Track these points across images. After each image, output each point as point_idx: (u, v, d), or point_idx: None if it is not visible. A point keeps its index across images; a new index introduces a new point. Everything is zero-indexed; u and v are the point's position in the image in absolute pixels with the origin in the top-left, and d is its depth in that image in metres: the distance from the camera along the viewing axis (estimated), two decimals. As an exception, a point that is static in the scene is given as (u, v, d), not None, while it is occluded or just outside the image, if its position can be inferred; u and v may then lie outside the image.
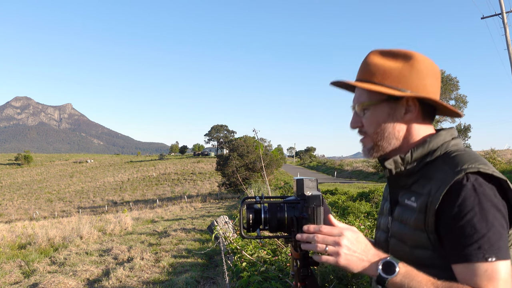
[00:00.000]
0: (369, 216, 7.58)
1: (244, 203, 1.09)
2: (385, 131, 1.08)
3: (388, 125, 1.08)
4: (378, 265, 0.92)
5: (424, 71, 1.06)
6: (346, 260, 0.93)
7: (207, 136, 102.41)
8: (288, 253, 3.75)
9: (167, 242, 10.11)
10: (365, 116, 1.10)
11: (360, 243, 0.96)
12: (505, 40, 18.46)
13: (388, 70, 1.06)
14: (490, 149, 27.09)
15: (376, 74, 1.07)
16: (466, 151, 1.03)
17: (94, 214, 29.76)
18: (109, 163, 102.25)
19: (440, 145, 1.05)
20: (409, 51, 1.08)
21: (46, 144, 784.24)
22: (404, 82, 1.05)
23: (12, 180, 79.59)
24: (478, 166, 0.94)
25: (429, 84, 1.06)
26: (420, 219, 0.99)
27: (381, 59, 1.09)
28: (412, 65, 1.06)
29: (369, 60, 1.10)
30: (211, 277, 6.31)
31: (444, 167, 1.00)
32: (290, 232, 1.06)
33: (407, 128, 1.09)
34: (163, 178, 63.77)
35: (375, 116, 1.09)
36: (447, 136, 1.08)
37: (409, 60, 1.06)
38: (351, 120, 1.15)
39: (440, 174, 0.99)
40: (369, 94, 1.09)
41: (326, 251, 0.95)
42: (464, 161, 0.97)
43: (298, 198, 1.06)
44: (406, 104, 1.07)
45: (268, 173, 34.60)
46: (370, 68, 1.09)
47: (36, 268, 7.78)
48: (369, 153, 1.12)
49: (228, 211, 18.04)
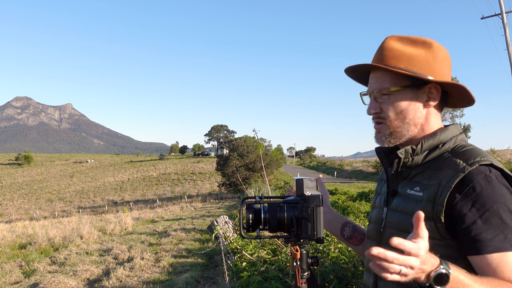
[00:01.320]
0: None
1: (244, 203, 1.09)
2: (406, 117, 1.08)
3: (410, 111, 1.08)
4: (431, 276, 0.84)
5: (444, 58, 1.08)
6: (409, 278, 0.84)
7: (207, 136, 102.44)
8: (288, 253, 3.75)
9: (167, 242, 10.11)
10: (386, 101, 1.09)
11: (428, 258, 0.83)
12: (505, 40, 18.46)
13: (414, 56, 1.06)
14: (490, 149, 27.11)
15: (401, 59, 1.06)
16: (474, 146, 1.05)
17: (94, 214, 29.77)
18: (109, 163, 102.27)
19: (449, 139, 1.07)
20: (427, 38, 1.09)
21: (47, 144, 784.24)
22: (428, 69, 1.06)
23: (13, 180, 79.60)
24: (491, 159, 0.96)
25: (447, 71, 1.09)
26: (428, 208, 0.98)
27: (402, 45, 1.09)
28: (434, 53, 1.07)
29: (389, 45, 1.09)
30: (211, 277, 6.32)
31: (455, 159, 1.01)
32: (290, 232, 1.06)
33: (426, 116, 1.10)
34: (163, 178, 63.77)
35: (398, 101, 1.08)
36: (456, 131, 1.09)
37: (430, 47, 1.07)
38: (369, 106, 1.14)
39: (451, 165, 1.00)
40: (393, 78, 1.08)
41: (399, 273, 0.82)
42: (476, 155, 0.99)
43: (298, 198, 1.06)
44: (428, 92, 1.08)
45: (268, 173, 34.60)
46: (393, 54, 1.08)
47: (37, 268, 7.78)
48: (386, 139, 1.11)
49: (228, 211, 18.04)
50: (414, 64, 1.06)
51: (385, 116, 1.10)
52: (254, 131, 5.33)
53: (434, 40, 1.10)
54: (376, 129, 1.14)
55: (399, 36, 1.11)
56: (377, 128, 1.13)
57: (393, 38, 1.11)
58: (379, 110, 1.11)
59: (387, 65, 1.08)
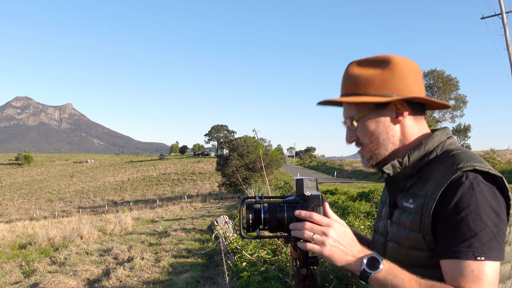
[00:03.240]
0: (369, 216, 7.57)
1: (244, 203, 1.09)
2: (379, 138, 1.09)
3: (381, 132, 1.09)
4: (363, 260, 0.93)
5: (404, 71, 1.07)
6: (331, 251, 0.94)
7: (207, 136, 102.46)
8: (288, 253, 3.76)
9: (167, 242, 10.11)
10: (358, 128, 1.11)
11: (347, 237, 0.96)
12: (505, 40, 18.47)
13: (370, 78, 1.07)
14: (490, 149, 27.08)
15: (359, 84, 1.07)
16: (462, 150, 1.03)
17: (94, 214, 29.78)
18: (109, 163, 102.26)
19: (436, 146, 1.07)
20: (385, 55, 1.09)
21: (47, 144, 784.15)
22: (387, 87, 1.05)
23: (13, 180, 79.59)
24: (474, 164, 0.95)
25: (412, 83, 1.07)
26: (416, 220, 0.99)
27: (360, 69, 1.09)
28: (391, 69, 1.06)
29: (349, 72, 1.11)
30: (211, 277, 6.32)
31: (440, 167, 1.00)
32: (290, 232, 1.06)
33: (401, 130, 1.10)
34: (163, 178, 63.78)
35: (368, 127, 1.09)
36: (443, 136, 1.09)
37: (388, 64, 1.07)
38: (346, 136, 1.16)
39: (437, 174, 1.00)
40: (357, 106, 1.10)
41: (312, 239, 0.95)
42: (460, 160, 0.97)
43: (298, 198, 1.06)
44: (395, 108, 1.08)
45: (268, 173, 34.60)
46: (352, 81, 1.09)
47: (37, 268, 7.78)
48: (369, 162, 1.14)
49: (228, 211, 18.04)
50: (371, 85, 1.06)
51: (362, 142, 1.12)
52: (254, 131, 5.34)
53: (394, 55, 1.09)
54: (359, 154, 1.17)
55: (359, 60, 1.12)
56: (359, 153, 1.16)
57: (353, 64, 1.12)
58: (355, 137, 1.13)
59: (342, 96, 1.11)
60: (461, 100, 33.58)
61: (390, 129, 1.09)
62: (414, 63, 1.11)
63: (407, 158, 1.06)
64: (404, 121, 1.09)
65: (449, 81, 33.18)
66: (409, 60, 1.10)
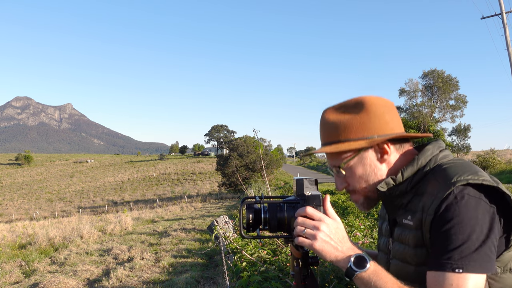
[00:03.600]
0: (369, 216, 7.58)
1: (244, 203, 1.09)
2: (368, 179, 1.09)
3: (369, 174, 1.09)
4: (351, 257, 0.94)
5: (379, 110, 1.07)
6: (321, 246, 0.95)
7: (207, 136, 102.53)
8: (288, 253, 3.76)
9: (167, 242, 10.12)
10: (346, 175, 1.11)
11: (338, 233, 0.97)
12: (505, 40, 18.49)
13: (348, 123, 1.07)
14: (490, 149, 27.09)
15: (338, 131, 1.08)
16: (455, 162, 1.03)
17: (94, 214, 29.80)
18: (109, 163, 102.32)
19: (429, 160, 1.06)
20: (358, 98, 1.10)
21: (47, 144, 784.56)
22: (367, 129, 1.06)
23: (13, 180, 79.63)
24: (467, 178, 0.94)
25: (389, 120, 1.08)
26: (419, 236, 1.00)
27: (337, 115, 1.09)
28: (367, 110, 1.07)
29: (326, 120, 1.11)
30: (211, 277, 6.32)
31: (434, 181, 1.00)
32: (290, 232, 1.06)
33: (387, 166, 1.10)
34: (163, 178, 63.82)
35: (355, 172, 1.10)
36: (435, 150, 1.08)
37: (363, 106, 1.07)
38: (336, 184, 1.16)
39: (431, 189, 0.99)
40: (340, 154, 1.09)
41: (304, 233, 0.97)
42: (454, 174, 0.97)
43: (298, 198, 1.07)
44: (378, 148, 1.08)
45: (268, 173, 34.62)
46: (330, 128, 1.09)
47: (37, 268, 7.78)
48: (365, 207, 1.14)
49: (228, 211, 18.05)
50: (350, 130, 1.07)
51: (353, 187, 1.12)
52: (254, 131, 5.33)
53: (367, 96, 1.10)
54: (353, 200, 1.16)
55: (333, 106, 1.12)
56: (352, 199, 1.15)
57: (328, 111, 1.12)
58: (346, 184, 1.13)
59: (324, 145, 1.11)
60: (461, 100, 33.58)
61: (378, 168, 1.09)
62: (387, 100, 1.12)
63: (401, 174, 1.06)
64: (390, 157, 1.10)
65: (449, 81, 33.17)
66: (381, 98, 1.11)
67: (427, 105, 32.96)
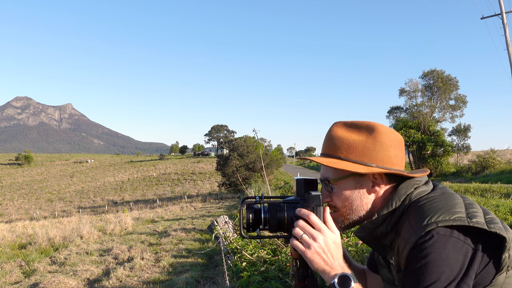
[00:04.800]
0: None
1: (244, 203, 1.09)
2: (352, 204, 1.09)
3: (355, 198, 1.09)
4: (336, 276, 0.95)
5: (387, 142, 1.07)
6: (312, 256, 0.97)
7: (207, 136, 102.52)
8: (288, 253, 3.76)
9: (167, 242, 10.12)
10: (333, 191, 1.11)
11: (333, 248, 0.98)
12: (505, 40, 18.48)
13: (353, 144, 1.06)
14: (490, 149, 27.11)
15: (341, 148, 1.07)
16: (429, 199, 1.01)
17: (95, 214, 29.79)
18: (109, 163, 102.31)
19: (403, 200, 1.05)
20: (371, 123, 1.09)
21: (47, 144, 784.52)
22: (368, 155, 1.05)
23: (13, 180, 79.63)
24: (438, 220, 0.93)
25: (393, 155, 1.07)
26: (400, 277, 1.01)
27: (345, 131, 1.09)
28: (375, 138, 1.06)
29: (333, 133, 1.11)
30: (211, 277, 6.32)
31: (407, 224, 1.00)
32: (290, 232, 1.06)
33: (375, 198, 1.09)
34: (163, 178, 63.81)
35: (343, 192, 1.09)
36: (409, 188, 1.06)
37: (372, 132, 1.07)
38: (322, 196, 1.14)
39: (404, 232, 0.99)
40: (334, 169, 1.09)
41: (300, 238, 0.98)
42: (426, 215, 0.95)
43: (298, 198, 1.07)
44: (372, 177, 1.08)
45: (268, 173, 34.62)
46: (334, 142, 1.09)
47: (37, 268, 7.78)
48: (341, 228, 1.13)
49: (228, 211, 18.05)
50: (352, 151, 1.06)
51: (335, 205, 1.12)
52: (254, 131, 5.33)
53: (380, 124, 1.09)
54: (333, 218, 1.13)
55: (345, 122, 1.12)
56: (332, 216, 1.12)
57: (338, 125, 1.12)
58: (329, 199, 1.13)
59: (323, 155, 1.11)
60: (461, 100, 33.57)
61: (365, 197, 1.09)
62: (398, 134, 1.11)
63: (377, 217, 1.06)
64: (380, 190, 1.09)
65: (449, 81, 33.17)
66: (393, 131, 1.11)
67: (427, 105, 32.96)
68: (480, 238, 0.93)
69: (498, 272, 0.94)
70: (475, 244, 0.92)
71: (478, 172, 26.85)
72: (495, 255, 0.94)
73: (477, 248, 0.92)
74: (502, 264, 0.94)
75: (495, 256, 0.94)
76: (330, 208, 1.13)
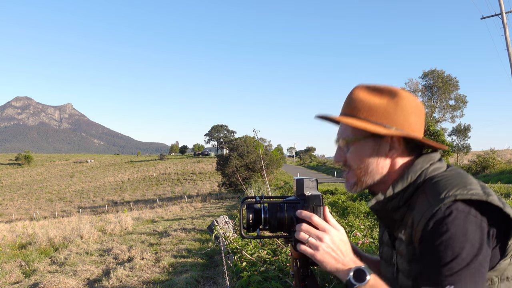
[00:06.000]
0: (369, 216, 7.58)
1: (244, 203, 1.09)
2: (368, 167, 1.08)
3: (372, 161, 1.08)
4: (351, 270, 0.94)
5: (409, 108, 1.06)
6: (322, 256, 0.96)
7: (207, 136, 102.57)
8: (288, 253, 3.76)
9: (167, 242, 10.12)
10: (349, 151, 1.10)
11: (341, 245, 0.98)
12: (505, 40, 18.48)
13: (374, 106, 1.06)
14: (490, 149, 27.09)
15: (362, 109, 1.07)
16: (444, 176, 1.01)
17: (95, 214, 29.79)
18: (109, 163, 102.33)
19: (419, 175, 1.05)
20: (394, 87, 1.09)
21: (47, 144, 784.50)
22: (389, 118, 1.05)
23: (13, 180, 79.64)
24: (456, 193, 0.93)
25: (413, 121, 1.07)
26: (411, 251, 1.00)
27: (367, 94, 1.09)
28: (397, 102, 1.06)
29: (354, 95, 1.10)
30: (211, 277, 6.32)
31: (423, 197, 0.99)
32: (290, 232, 1.06)
33: (391, 163, 1.09)
34: (163, 178, 63.81)
35: (359, 152, 1.09)
36: (424, 164, 1.06)
37: (394, 97, 1.06)
38: (335, 154, 1.15)
39: (420, 205, 0.99)
40: (353, 129, 1.09)
41: (307, 241, 0.97)
42: (443, 189, 0.96)
43: (298, 198, 1.06)
44: (390, 141, 1.07)
45: (268, 173, 34.62)
46: (355, 104, 1.09)
47: (37, 268, 7.78)
48: (352, 188, 1.13)
49: (228, 211, 18.05)
50: (373, 114, 1.06)
51: (350, 166, 1.11)
52: (254, 131, 5.33)
53: (403, 90, 1.09)
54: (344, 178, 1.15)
55: (367, 85, 1.12)
56: (344, 177, 1.14)
57: (360, 88, 1.11)
58: (343, 159, 1.12)
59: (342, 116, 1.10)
60: (461, 100, 33.60)
61: (381, 161, 1.08)
62: (420, 102, 1.11)
63: (391, 189, 1.06)
64: (396, 155, 1.09)
65: (449, 81, 33.20)
66: (415, 98, 1.10)
67: (427, 105, 32.99)
68: (494, 221, 0.93)
69: (503, 257, 0.95)
70: (489, 225, 0.93)
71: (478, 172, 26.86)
72: (502, 240, 0.95)
73: (490, 229, 0.93)
74: (507, 250, 0.95)
75: (503, 240, 0.95)
76: (344, 168, 1.13)
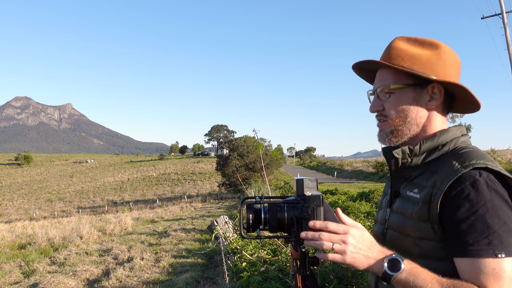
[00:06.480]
0: (369, 216, 7.58)
1: (244, 203, 1.09)
2: (408, 116, 1.09)
3: (411, 110, 1.09)
4: (384, 262, 0.92)
5: (449, 60, 1.08)
6: (352, 258, 0.93)
7: (207, 136, 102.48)
8: (288, 253, 3.75)
9: (167, 242, 10.11)
10: (388, 99, 1.10)
11: (365, 240, 0.96)
12: (505, 40, 18.46)
13: (417, 55, 1.07)
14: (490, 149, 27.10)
15: (405, 58, 1.08)
16: (474, 148, 1.04)
17: (94, 214, 29.76)
18: (109, 163, 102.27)
19: (449, 141, 1.06)
20: (435, 40, 1.11)
21: (46, 144, 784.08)
22: (431, 69, 1.06)
23: (12, 180, 79.57)
24: (486, 163, 0.95)
25: (453, 74, 1.08)
26: (424, 210, 0.99)
27: (409, 45, 1.10)
28: (439, 54, 1.08)
29: (396, 44, 1.11)
30: (211, 277, 6.31)
31: (451, 161, 1.00)
32: (290, 232, 1.05)
33: (428, 116, 1.10)
34: (163, 178, 63.76)
35: (400, 100, 1.09)
36: (457, 133, 1.09)
37: (436, 49, 1.08)
38: (372, 104, 1.15)
39: (446, 168, 0.99)
40: (395, 77, 1.09)
41: (333, 249, 0.94)
42: (472, 157, 0.98)
43: (298, 198, 1.06)
44: (431, 91, 1.08)
45: (268, 173, 34.60)
46: (398, 53, 1.09)
47: (36, 268, 7.77)
48: (387, 137, 1.12)
49: (228, 211, 18.04)
50: (416, 63, 1.07)
51: (387, 114, 1.11)
52: (254, 131, 5.32)
53: (443, 44, 1.10)
54: (378, 127, 1.15)
55: (407, 37, 1.13)
56: (379, 126, 1.14)
57: (401, 39, 1.12)
58: (381, 108, 1.12)
59: (388, 62, 1.09)
60: (461, 100, 33.65)
61: (420, 110, 1.09)
62: (458, 57, 1.12)
63: (419, 146, 1.06)
64: (435, 108, 1.10)
65: (449, 81, 33.30)
66: (454, 52, 1.12)
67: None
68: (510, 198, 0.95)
69: None
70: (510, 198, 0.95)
71: (478, 172, 26.77)
72: None
73: None
74: None
75: None
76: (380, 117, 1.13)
